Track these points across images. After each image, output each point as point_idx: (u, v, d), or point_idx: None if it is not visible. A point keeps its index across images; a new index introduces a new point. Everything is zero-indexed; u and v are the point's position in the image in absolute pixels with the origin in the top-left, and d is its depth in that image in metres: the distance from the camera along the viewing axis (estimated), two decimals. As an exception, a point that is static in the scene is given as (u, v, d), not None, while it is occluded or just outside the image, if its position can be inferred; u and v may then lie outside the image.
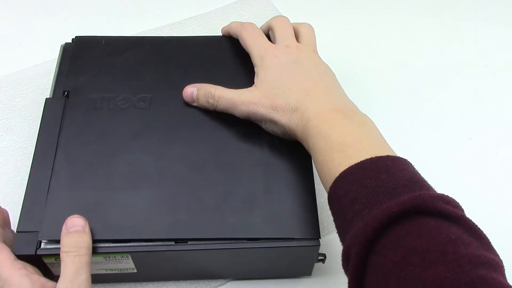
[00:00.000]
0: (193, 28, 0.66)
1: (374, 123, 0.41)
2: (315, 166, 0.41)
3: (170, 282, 0.46)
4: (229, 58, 0.51)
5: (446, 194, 0.34)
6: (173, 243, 0.41)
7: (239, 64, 0.50)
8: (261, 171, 0.43)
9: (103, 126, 0.46)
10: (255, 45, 0.48)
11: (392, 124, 0.58)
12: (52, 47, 0.56)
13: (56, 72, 0.51)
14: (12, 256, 0.38)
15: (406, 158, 0.37)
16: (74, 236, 0.39)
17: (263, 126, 0.45)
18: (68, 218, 0.40)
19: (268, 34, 0.51)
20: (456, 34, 0.68)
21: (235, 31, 0.51)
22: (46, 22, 0.67)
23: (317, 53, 0.48)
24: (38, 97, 0.58)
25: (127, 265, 0.42)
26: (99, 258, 0.41)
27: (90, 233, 0.40)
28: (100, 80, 0.49)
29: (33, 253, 0.40)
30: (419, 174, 0.36)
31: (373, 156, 0.36)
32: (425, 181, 0.36)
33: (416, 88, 0.62)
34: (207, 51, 0.52)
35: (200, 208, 0.42)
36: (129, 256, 0.41)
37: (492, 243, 0.33)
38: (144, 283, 0.46)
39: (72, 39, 0.53)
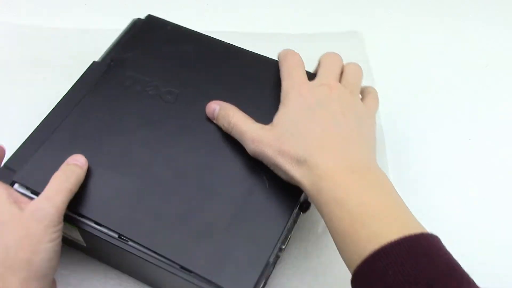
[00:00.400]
0: (270, 44, 0.53)
1: (388, 179, 0.39)
2: (331, 233, 0.38)
3: (116, 271, 0.47)
4: (273, 84, 0.48)
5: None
6: (116, 236, 0.40)
7: (279, 93, 0.46)
8: (236, 206, 0.41)
9: (122, 104, 0.47)
10: (287, 79, 0.45)
11: (392, 124, 0.58)
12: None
13: (115, 41, 0.52)
14: None
15: (435, 234, 0.35)
16: (70, 166, 0.41)
17: (270, 167, 0.42)
18: (72, 155, 0.42)
19: None
20: (456, 34, 0.68)
21: (280, 58, 0.48)
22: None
23: (356, 95, 0.45)
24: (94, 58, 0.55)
25: (77, 236, 0.43)
26: None
27: (86, 171, 0.41)
28: (143, 62, 0.49)
29: None
30: (449, 252, 0.35)
31: (406, 235, 0.34)
32: (458, 264, 0.34)
33: (416, 88, 0.62)
34: (256, 70, 0.49)
35: (159, 215, 0.41)
36: (77, 229, 0.42)
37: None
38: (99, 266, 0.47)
39: (146, 16, 0.54)
